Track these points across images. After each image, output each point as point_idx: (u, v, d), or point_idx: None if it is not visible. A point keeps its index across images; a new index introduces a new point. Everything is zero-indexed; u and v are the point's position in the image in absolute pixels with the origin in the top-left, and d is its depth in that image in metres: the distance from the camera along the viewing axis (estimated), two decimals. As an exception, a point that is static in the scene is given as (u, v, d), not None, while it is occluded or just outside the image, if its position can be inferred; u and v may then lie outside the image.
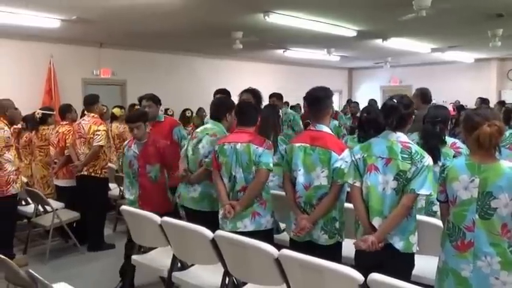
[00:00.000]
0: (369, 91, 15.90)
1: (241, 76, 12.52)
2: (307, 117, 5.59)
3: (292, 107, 13.08)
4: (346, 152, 2.99)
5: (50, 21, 6.76)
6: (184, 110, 8.25)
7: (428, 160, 2.64)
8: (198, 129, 3.94)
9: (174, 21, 7.09)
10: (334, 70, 15.76)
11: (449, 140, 3.59)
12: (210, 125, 3.86)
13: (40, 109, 5.77)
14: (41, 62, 8.49)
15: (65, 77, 8.69)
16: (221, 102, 4.00)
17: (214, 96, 4.60)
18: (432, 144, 3.47)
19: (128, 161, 4.06)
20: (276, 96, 6.76)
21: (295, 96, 13.37)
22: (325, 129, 3.13)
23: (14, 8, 6.10)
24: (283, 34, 8.27)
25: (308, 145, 3.10)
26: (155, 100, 4.71)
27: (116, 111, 7.02)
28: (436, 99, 12.25)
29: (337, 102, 14.76)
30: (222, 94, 4.65)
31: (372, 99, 10.37)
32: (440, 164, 2.99)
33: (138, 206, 3.95)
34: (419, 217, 3.06)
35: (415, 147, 2.69)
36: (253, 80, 12.79)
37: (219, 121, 3.84)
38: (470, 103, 12.45)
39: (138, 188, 4.03)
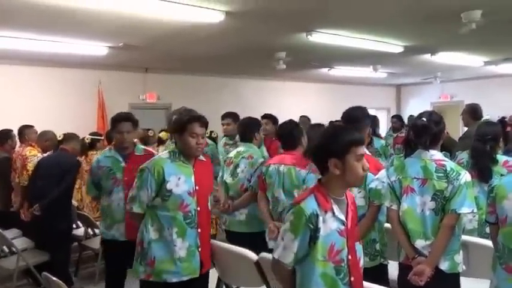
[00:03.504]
0: (419, 108, 15.25)
1: (286, 96, 12.52)
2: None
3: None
4: (383, 172, 2.88)
5: (98, 48, 7.03)
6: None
7: (465, 176, 2.52)
8: (231, 154, 3.97)
9: (218, 44, 7.18)
10: (381, 87, 15.44)
11: (501, 158, 3.38)
12: (242, 147, 3.87)
13: (89, 134, 5.95)
14: (90, 89, 8.85)
15: (112, 102, 8.97)
16: (248, 124, 4.04)
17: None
18: (483, 164, 3.30)
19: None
20: (271, 119, 5.38)
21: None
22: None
23: (64, 38, 6.38)
24: (327, 53, 8.18)
25: None
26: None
27: (163, 135, 7.11)
28: (491, 114, 11.79)
29: (385, 121, 14.38)
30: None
31: (411, 115, 10.08)
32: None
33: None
34: (469, 238, 2.95)
35: (450, 164, 2.57)
36: (298, 99, 12.81)
37: (250, 141, 3.86)
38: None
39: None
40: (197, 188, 2.88)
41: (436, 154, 2.63)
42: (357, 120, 3.06)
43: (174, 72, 10.06)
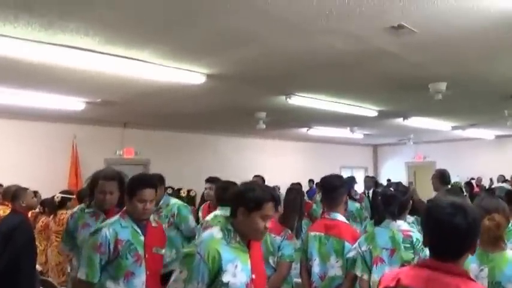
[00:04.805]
0: (394, 167, 15.78)
1: (266, 154, 12.62)
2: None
3: (317, 184, 12.93)
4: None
5: (75, 103, 6.94)
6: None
7: None
8: (208, 218, 3.91)
9: (198, 103, 7.27)
10: (358, 147, 15.76)
11: None
12: (219, 211, 3.84)
13: (60, 193, 5.75)
14: (64, 143, 8.56)
15: (87, 157, 8.71)
16: (226, 187, 4.01)
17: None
18: None
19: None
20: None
21: (320, 174, 13.26)
22: (340, 217, 3.10)
23: (41, 92, 6.30)
24: (305, 114, 8.39)
25: (323, 234, 3.06)
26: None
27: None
28: (460, 175, 12.15)
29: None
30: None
31: (367, 176, 10.13)
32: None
33: None
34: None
35: (416, 235, 2.67)
36: (278, 157, 12.91)
37: (228, 205, 3.84)
38: (493, 177, 12.54)
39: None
40: (253, 276, 2.28)
41: (402, 225, 2.72)
42: (334, 188, 3.15)
43: (153, 128, 9.98)
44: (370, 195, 7.85)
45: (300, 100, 6.84)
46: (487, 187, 11.31)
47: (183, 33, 3.92)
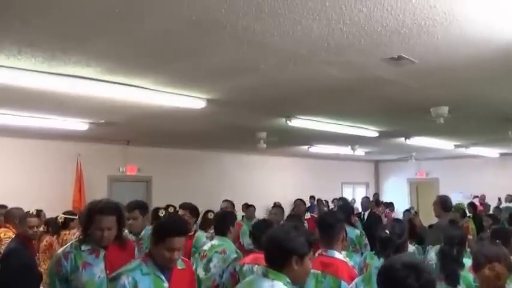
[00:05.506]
0: (396, 184, 15.72)
1: (267, 170, 12.65)
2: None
3: (318, 201, 12.90)
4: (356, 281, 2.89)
5: (79, 124, 7.02)
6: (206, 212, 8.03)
7: None
8: (206, 247, 3.91)
9: (199, 124, 7.31)
10: (360, 163, 15.73)
11: (468, 261, 3.42)
12: (216, 241, 3.85)
13: (63, 213, 5.81)
14: (68, 161, 8.65)
15: (91, 174, 8.81)
16: (223, 217, 4.02)
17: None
18: (450, 268, 3.33)
19: None
20: (189, 210, 4.87)
21: (322, 190, 13.30)
22: (337, 255, 3.08)
23: (46, 115, 6.40)
24: (306, 134, 8.39)
25: (319, 272, 3.02)
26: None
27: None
28: (464, 192, 12.07)
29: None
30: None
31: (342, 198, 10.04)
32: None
33: None
34: None
35: None
36: (280, 174, 12.94)
37: (225, 235, 3.86)
38: (496, 195, 12.32)
39: None
40: None
41: None
42: (330, 226, 3.15)
43: (156, 145, 10.02)
44: (366, 216, 7.87)
45: (300, 122, 6.87)
46: (493, 206, 11.20)
47: (182, 64, 3.98)
